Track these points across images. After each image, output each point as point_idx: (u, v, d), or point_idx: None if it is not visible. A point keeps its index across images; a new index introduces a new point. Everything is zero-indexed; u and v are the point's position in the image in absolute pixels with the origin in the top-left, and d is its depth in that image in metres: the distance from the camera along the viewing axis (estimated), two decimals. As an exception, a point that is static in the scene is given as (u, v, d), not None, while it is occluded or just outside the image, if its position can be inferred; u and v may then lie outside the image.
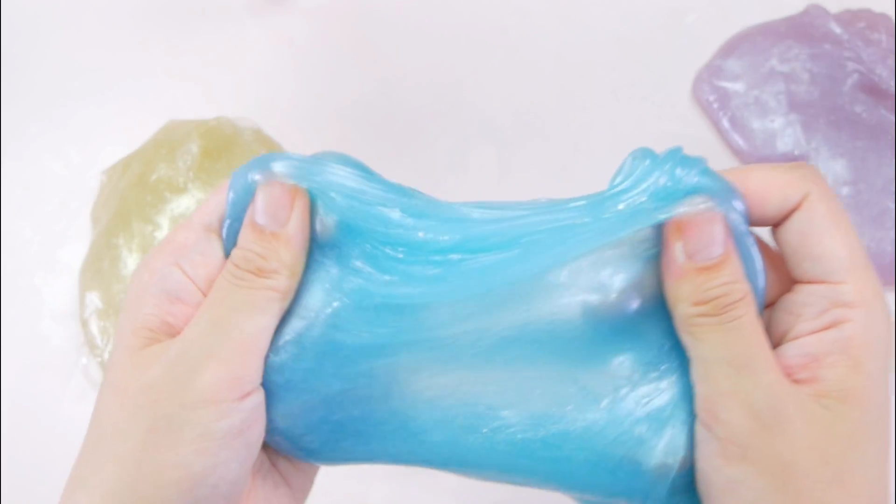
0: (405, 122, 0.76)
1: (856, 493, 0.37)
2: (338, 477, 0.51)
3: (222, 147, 0.73)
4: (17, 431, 0.67)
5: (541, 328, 0.41)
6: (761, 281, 0.39)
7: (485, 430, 0.41)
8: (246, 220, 0.40)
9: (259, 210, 0.40)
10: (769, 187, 0.40)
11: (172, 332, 0.40)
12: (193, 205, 0.71)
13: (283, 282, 0.40)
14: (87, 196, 0.74)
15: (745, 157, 0.75)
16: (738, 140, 0.76)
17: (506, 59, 0.80)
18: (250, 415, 0.38)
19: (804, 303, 0.39)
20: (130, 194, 0.71)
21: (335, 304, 0.41)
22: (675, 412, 0.39)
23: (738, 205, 0.39)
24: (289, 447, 0.42)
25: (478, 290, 0.41)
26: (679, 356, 0.40)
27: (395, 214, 0.42)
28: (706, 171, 0.39)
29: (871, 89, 0.76)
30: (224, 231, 0.41)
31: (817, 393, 0.38)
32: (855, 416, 0.37)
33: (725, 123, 0.76)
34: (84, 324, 0.68)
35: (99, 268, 0.69)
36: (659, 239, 0.40)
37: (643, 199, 0.40)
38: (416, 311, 0.41)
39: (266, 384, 0.40)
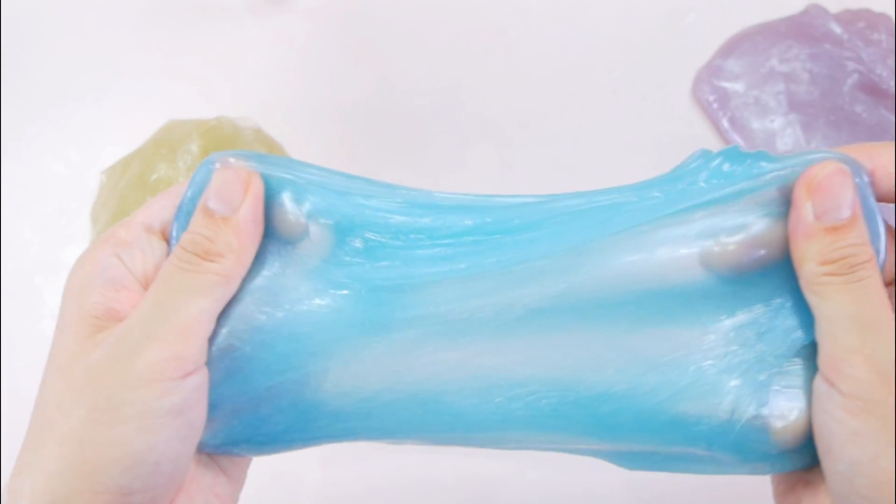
0: (405, 122, 0.76)
1: None
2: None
3: (223, 147, 0.72)
4: (18, 431, 0.67)
5: (583, 297, 0.42)
6: (883, 252, 0.40)
7: (499, 400, 0.41)
8: (199, 205, 0.41)
9: (211, 194, 0.41)
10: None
11: (118, 318, 0.40)
12: None
13: (229, 266, 0.40)
14: (87, 196, 0.74)
15: None
16: (738, 140, 0.76)
17: (506, 59, 0.81)
18: (192, 394, 0.39)
19: None
20: (130, 194, 0.71)
21: (324, 292, 0.42)
22: (767, 369, 0.41)
23: (865, 177, 0.40)
24: (254, 430, 0.42)
25: (500, 265, 0.42)
26: (765, 314, 0.41)
27: (393, 205, 0.43)
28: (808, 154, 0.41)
29: (871, 89, 0.76)
30: (174, 230, 0.42)
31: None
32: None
33: (725, 123, 0.76)
34: None
35: None
36: (728, 206, 0.41)
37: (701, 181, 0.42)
38: (421, 290, 0.42)
39: (229, 368, 0.41)
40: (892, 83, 0.76)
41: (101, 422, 0.37)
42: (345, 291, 0.42)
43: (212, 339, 0.41)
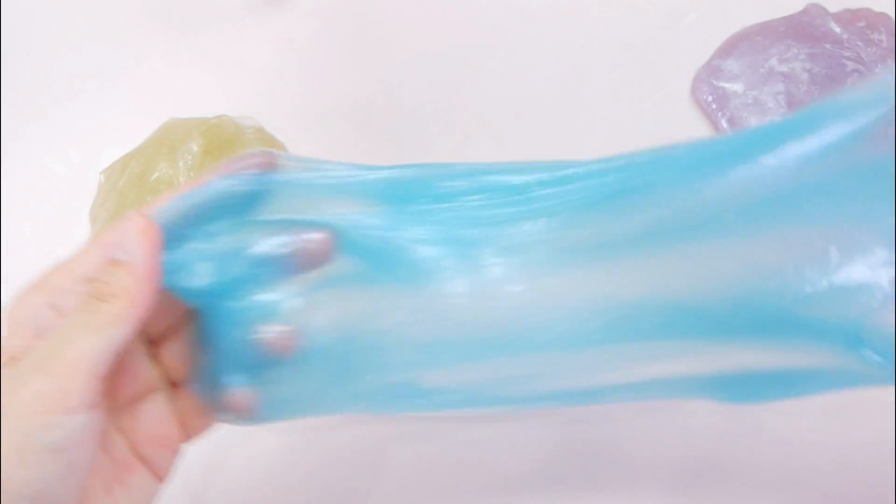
0: (405, 122, 0.77)
1: None
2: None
3: (224, 146, 0.73)
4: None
5: (685, 219, 0.43)
6: None
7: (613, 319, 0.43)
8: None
9: (109, 242, 0.42)
10: None
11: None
12: None
13: (122, 307, 0.40)
14: (87, 196, 0.74)
15: None
16: None
17: (506, 59, 0.81)
18: (75, 434, 0.39)
19: None
20: (130, 194, 0.71)
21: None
22: None
23: None
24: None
25: (590, 201, 0.44)
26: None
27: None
28: None
29: None
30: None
31: None
32: None
33: (724, 124, 0.76)
34: None
35: None
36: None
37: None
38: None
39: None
40: None
41: None
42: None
43: None
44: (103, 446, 0.44)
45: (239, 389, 0.43)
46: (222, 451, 0.64)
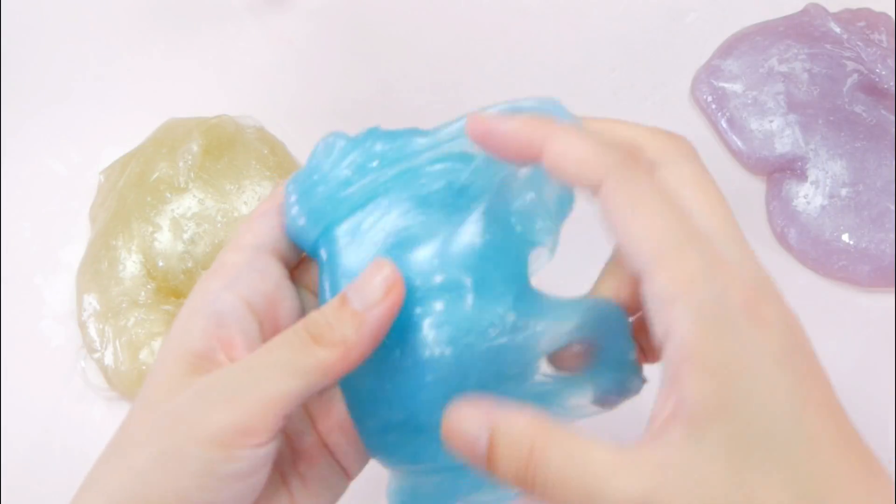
0: (405, 122, 0.74)
1: None
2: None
3: (224, 145, 0.73)
4: (17, 430, 0.68)
5: None
6: None
7: None
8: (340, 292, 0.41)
9: (353, 284, 0.40)
10: (565, 159, 0.39)
11: (216, 359, 0.41)
12: (195, 205, 0.71)
13: (333, 358, 0.39)
14: (87, 196, 0.75)
15: (744, 158, 0.76)
16: (736, 141, 0.76)
17: (506, 59, 0.81)
18: (259, 462, 0.39)
19: (647, 311, 0.37)
20: (129, 194, 0.71)
21: None
22: None
23: None
24: None
25: None
26: None
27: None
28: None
29: (870, 89, 0.77)
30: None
31: (690, 425, 0.34)
32: (725, 431, 0.34)
33: (723, 124, 0.77)
34: (82, 326, 0.68)
35: (97, 269, 0.69)
36: None
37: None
38: None
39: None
40: (893, 83, 0.77)
41: (166, 468, 0.38)
42: None
43: None
44: (288, 438, 0.44)
45: None
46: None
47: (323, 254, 0.43)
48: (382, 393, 0.42)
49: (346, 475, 0.46)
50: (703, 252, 0.36)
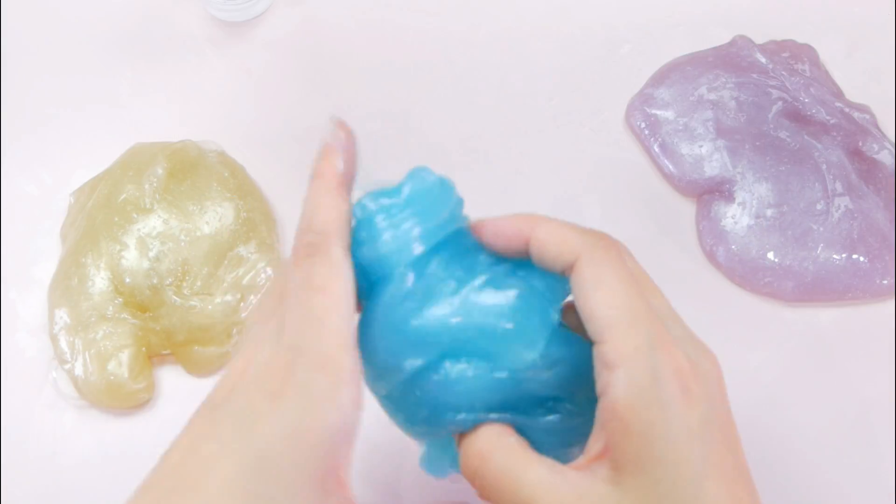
0: (358, 146, 0.78)
1: None
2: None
3: (188, 169, 0.74)
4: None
5: None
6: None
7: None
8: None
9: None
10: (547, 242, 0.44)
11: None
12: (160, 225, 0.72)
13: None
14: (58, 216, 0.76)
15: (675, 181, 0.77)
16: (668, 164, 0.78)
17: (453, 88, 0.83)
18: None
19: (595, 368, 0.42)
20: (98, 214, 0.72)
21: None
22: None
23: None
24: None
25: None
26: None
27: None
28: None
29: (794, 116, 0.79)
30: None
31: (613, 468, 0.40)
32: (638, 483, 0.39)
33: (656, 149, 0.78)
34: (53, 339, 0.69)
35: (67, 285, 0.70)
36: None
37: None
38: None
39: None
40: (815, 110, 0.79)
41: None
42: None
43: None
44: None
45: None
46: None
47: (410, 278, 0.46)
48: (416, 403, 0.46)
49: None
50: (650, 330, 0.41)
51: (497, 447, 0.44)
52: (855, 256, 0.73)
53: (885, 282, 0.73)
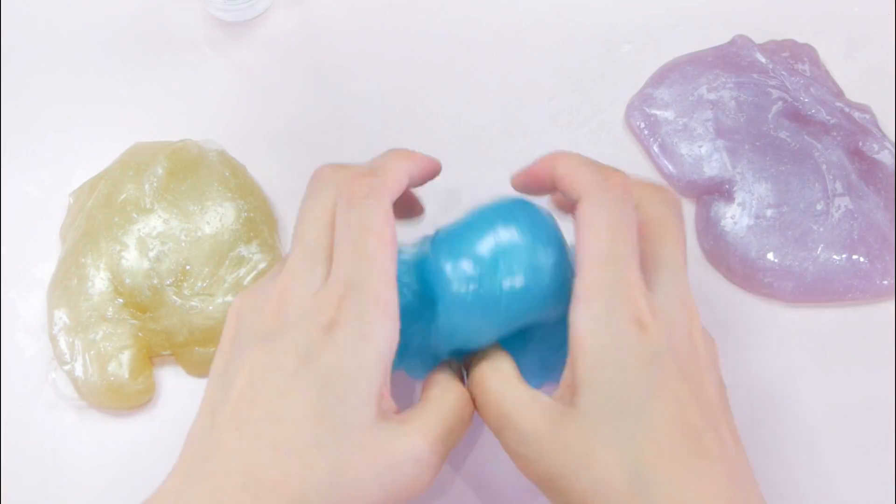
0: (357, 147, 0.78)
1: (603, 468, 0.44)
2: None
3: (188, 168, 0.74)
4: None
5: None
6: None
7: None
8: None
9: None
10: (563, 178, 0.50)
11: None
12: (160, 225, 0.71)
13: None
14: (58, 216, 0.76)
15: (675, 181, 0.77)
16: (668, 165, 0.78)
17: (453, 89, 0.83)
18: None
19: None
20: (98, 214, 0.72)
21: None
22: None
23: None
24: None
25: None
26: None
27: None
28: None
29: (794, 116, 0.78)
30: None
31: (572, 391, 0.47)
32: (590, 401, 0.45)
33: (655, 149, 0.78)
34: (53, 339, 0.69)
35: (67, 286, 0.70)
36: None
37: None
38: None
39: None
40: (815, 110, 0.79)
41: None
42: None
43: None
44: None
45: None
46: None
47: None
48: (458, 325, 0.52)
49: None
50: (618, 272, 0.47)
51: (496, 371, 0.52)
52: (855, 257, 0.73)
53: (885, 282, 0.73)
